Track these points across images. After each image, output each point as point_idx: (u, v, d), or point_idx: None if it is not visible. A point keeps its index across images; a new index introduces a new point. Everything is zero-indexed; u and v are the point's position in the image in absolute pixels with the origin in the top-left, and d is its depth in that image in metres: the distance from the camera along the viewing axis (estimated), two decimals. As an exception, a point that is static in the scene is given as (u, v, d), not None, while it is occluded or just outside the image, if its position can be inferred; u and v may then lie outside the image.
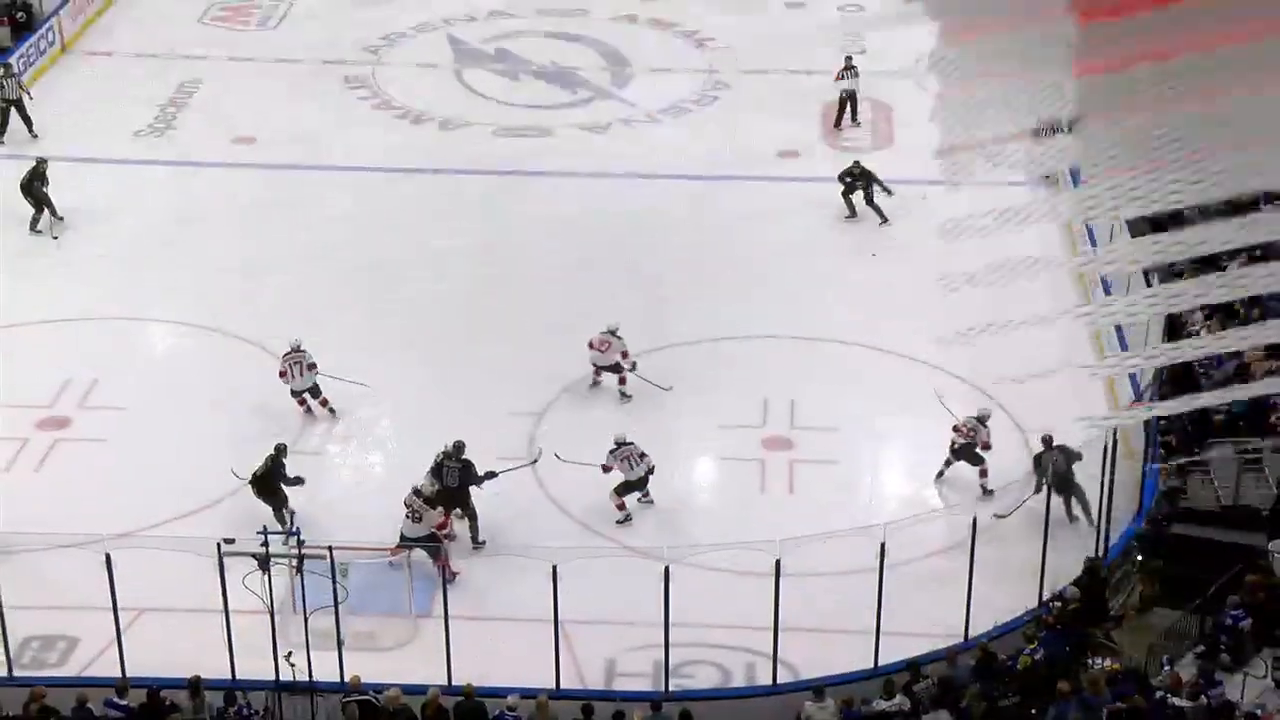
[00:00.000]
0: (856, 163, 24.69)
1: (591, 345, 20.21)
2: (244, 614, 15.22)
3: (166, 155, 26.65)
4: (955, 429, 18.55)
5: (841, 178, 24.51)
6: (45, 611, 16.29)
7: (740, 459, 19.37)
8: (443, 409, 19.86)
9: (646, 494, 18.40)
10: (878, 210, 24.45)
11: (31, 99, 27.13)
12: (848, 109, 27.49)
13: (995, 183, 11.00)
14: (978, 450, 18.52)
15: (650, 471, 18.22)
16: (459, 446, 17.85)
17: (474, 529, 17.72)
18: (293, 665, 15.00)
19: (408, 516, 17.04)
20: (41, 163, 24.21)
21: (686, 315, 22.13)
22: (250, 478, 17.69)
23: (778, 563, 15.13)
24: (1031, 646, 15.49)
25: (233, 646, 15.19)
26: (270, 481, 17.67)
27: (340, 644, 15.31)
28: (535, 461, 18.46)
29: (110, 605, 15.01)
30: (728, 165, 25.95)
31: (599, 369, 20.32)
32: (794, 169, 26.14)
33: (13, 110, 26.78)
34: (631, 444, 18.22)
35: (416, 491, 17.20)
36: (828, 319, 22.09)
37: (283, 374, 19.71)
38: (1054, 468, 17.47)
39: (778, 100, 28.48)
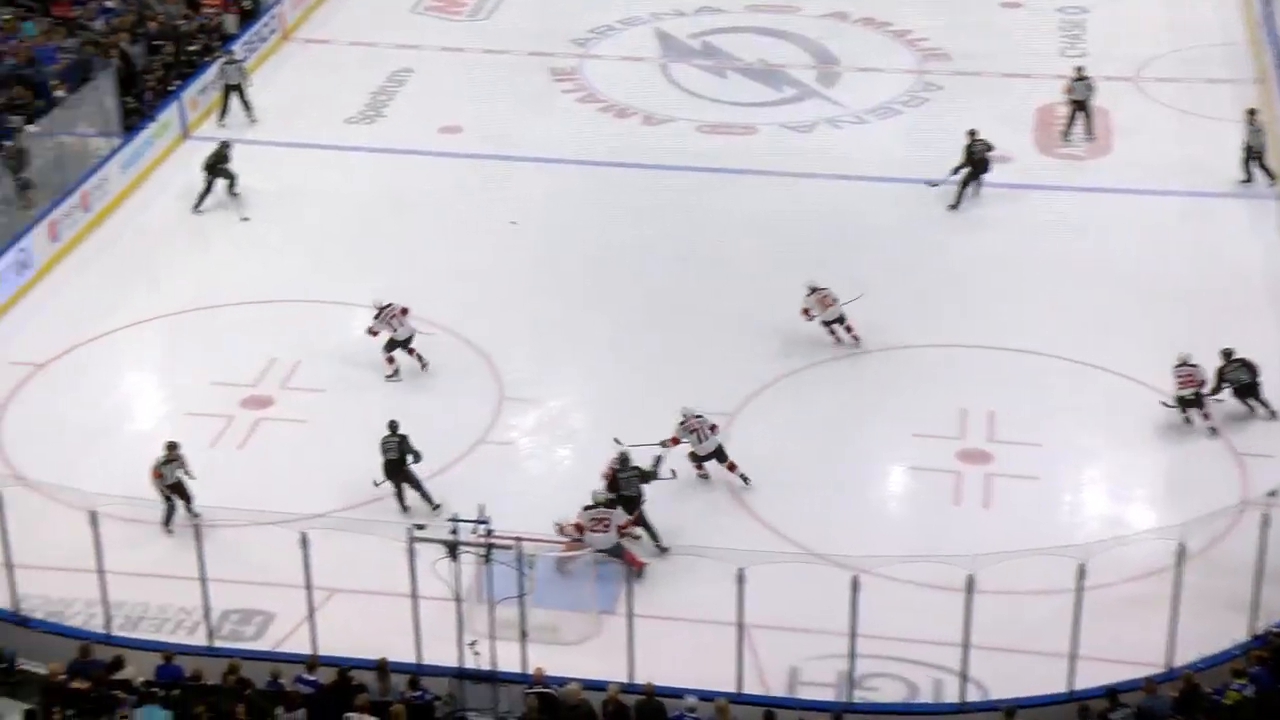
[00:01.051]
0: (974, 134, 24.81)
1: (827, 301, 20.94)
2: (431, 600, 15.55)
3: (375, 142, 27.41)
4: (1181, 378, 19.23)
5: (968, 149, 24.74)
6: (244, 586, 16.88)
7: (935, 470, 19.11)
8: (636, 405, 20.00)
9: (744, 476, 18.27)
10: (960, 190, 24.67)
11: (251, 85, 28.20)
12: (1078, 120, 26.80)
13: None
14: (1201, 393, 19.08)
15: (720, 449, 18.27)
16: (624, 457, 17.81)
17: (653, 535, 17.71)
18: (476, 654, 15.27)
19: (593, 530, 17.11)
20: (225, 146, 25.19)
21: (886, 320, 21.88)
22: (384, 463, 18.02)
23: (970, 578, 14.87)
24: (1241, 682, 14.91)
25: (419, 631, 15.54)
26: (400, 464, 18.00)
27: (524, 635, 15.52)
28: (661, 453, 18.21)
29: (304, 584, 15.48)
30: (935, 169, 25.62)
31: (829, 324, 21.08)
32: (1004, 175, 25.67)
33: (233, 96, 27.88)
34: (701, 416, 18.34)
35: (595, 504, 17.27)
36: (1031, 331, 21.65)
37: (373, 331, 20.53)
38: (1239, 377, 19.32)
39: (991, 104, 27.99)
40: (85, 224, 24.50)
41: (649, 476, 17.81)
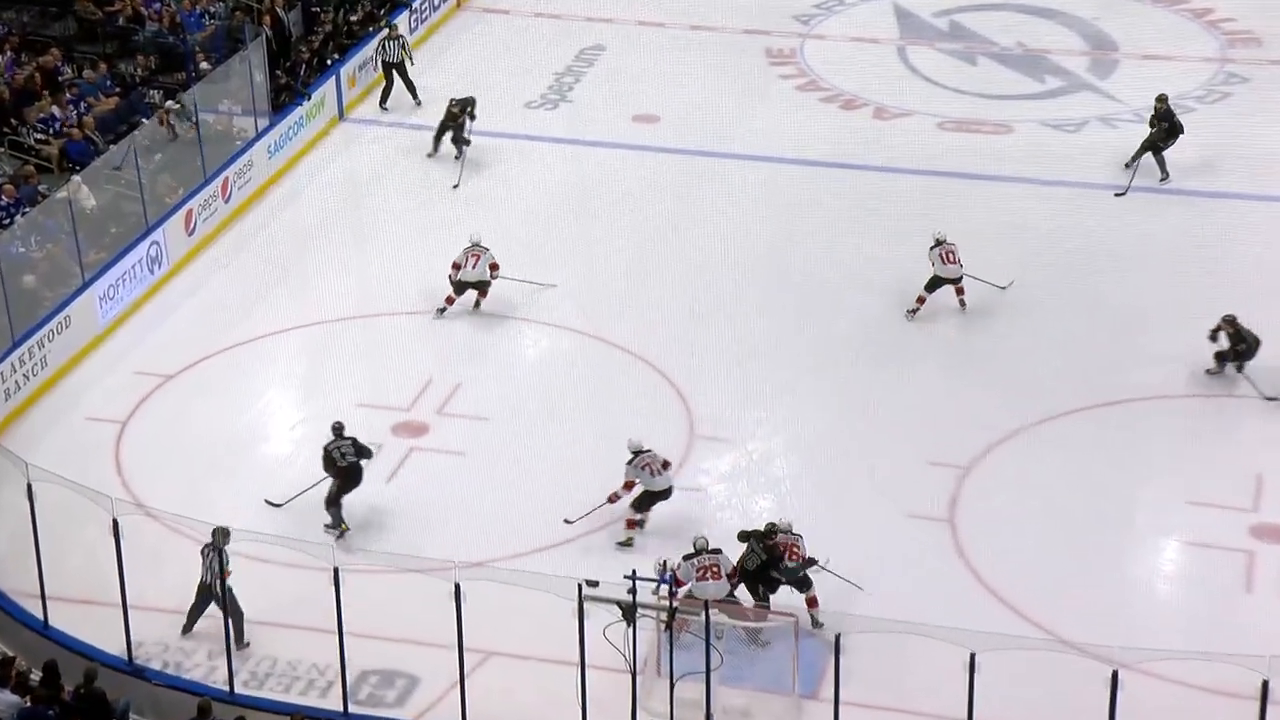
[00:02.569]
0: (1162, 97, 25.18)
1: (950, 259, 22.12)
2: (602, 670, 15.63)
3: (558, 131, 27.82)
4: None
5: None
6: (387, 643, 17.17)
7: (1220, 547, 18.61)
8: (846, 449, 19.99)
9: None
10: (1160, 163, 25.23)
11: (413, 64, 28.81)
12: None
13: None
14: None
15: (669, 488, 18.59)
16: (768, 531, 17.58)
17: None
18: (652, 737, 15.33)
19: (701, 579, 16.97)
20: (465, 105, 26.47)
21: (1162, 358, 21.47)
22: (345, 470, 18.67)
23: (1265, 684, 14.40)
24: None
25: (586, 706, 15.63)
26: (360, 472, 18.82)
27: (709, 718, 15.52)
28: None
29: (456, 643, 15.68)
30: (1233, 178, 24.98)
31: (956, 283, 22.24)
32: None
33: (396, 75, 28.56)
34: (650, 451, 18.56)
35: (697, 551, 17.17)
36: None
37: (456, 265, 22.53)
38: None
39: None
40: (225, 216, 25.32)
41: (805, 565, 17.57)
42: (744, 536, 17.57)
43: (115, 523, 16.13)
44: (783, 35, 30.69)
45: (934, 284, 22.41)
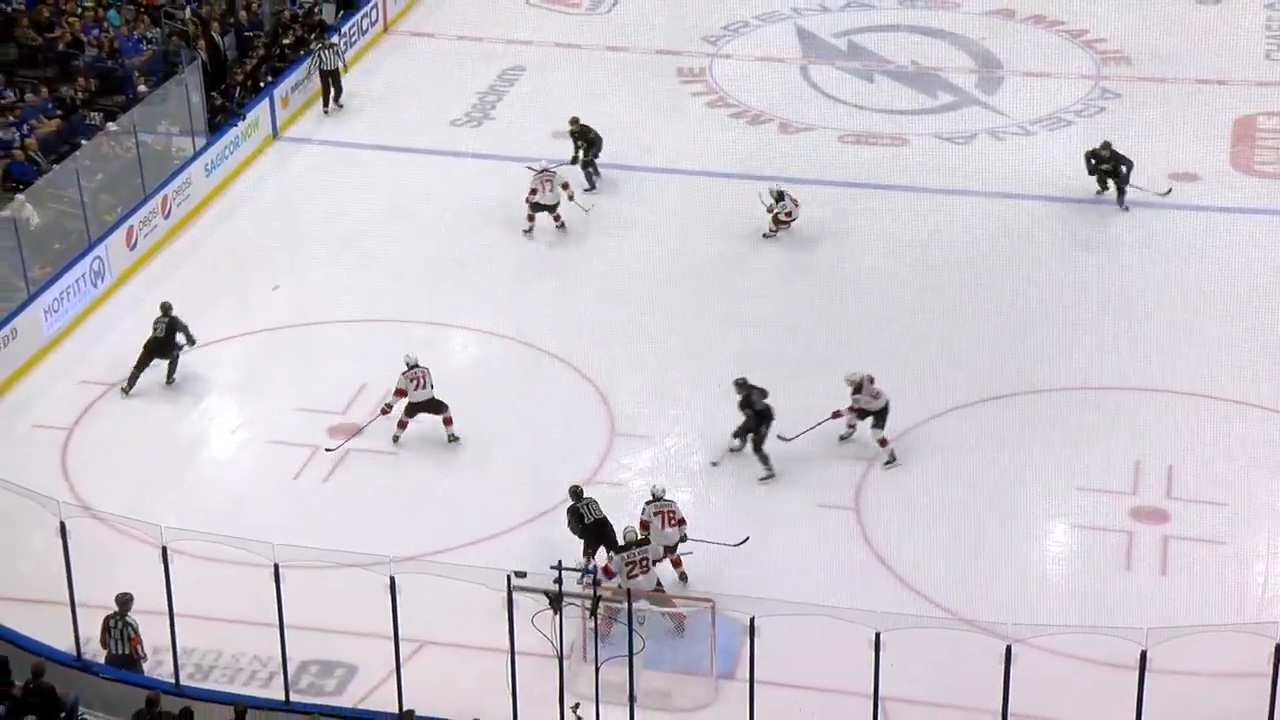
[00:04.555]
0: (1107, 144, 24.94)
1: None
2: (531, 656, 15.62)
3: (482, 147, 27.74)
4: None
5: (1089, 157, 25.12)
6: (325, 635, 17.09)
7: (1104, 529, 18.82)
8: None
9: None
10: (1120, 194, 24.94)
11: (346, 72, 28.89)
12: None
13: None
14: None
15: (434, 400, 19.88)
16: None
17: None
18: (579, 718, 15.30)
19: (631, 575, 17.08)
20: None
21: (1049, 357, 21.70)
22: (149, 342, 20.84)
23: (1143, 654, 14.56)
24: None
25: (516, 691, 15.59)
26: (169, 343, 20.74)
27: (633, 700, 15.52)
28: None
29: (392, 634, 15.62)
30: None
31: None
32: (1191, 195, 25.26)
33: (330, 81, 28.62)
34: (419, 366, 19.75)
35: (627, 545, 17.30)
36: (1217, 373, 21.26)
37: (535, 190, 24.25)
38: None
39: (1178, 114, 27.59)
40: (165, 231, 25.09)
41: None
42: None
43: (63, 525, 15.92)
44: (693, 55, 30.77)
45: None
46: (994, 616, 16.36)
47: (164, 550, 15.69)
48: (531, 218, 24.68)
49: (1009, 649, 14.55)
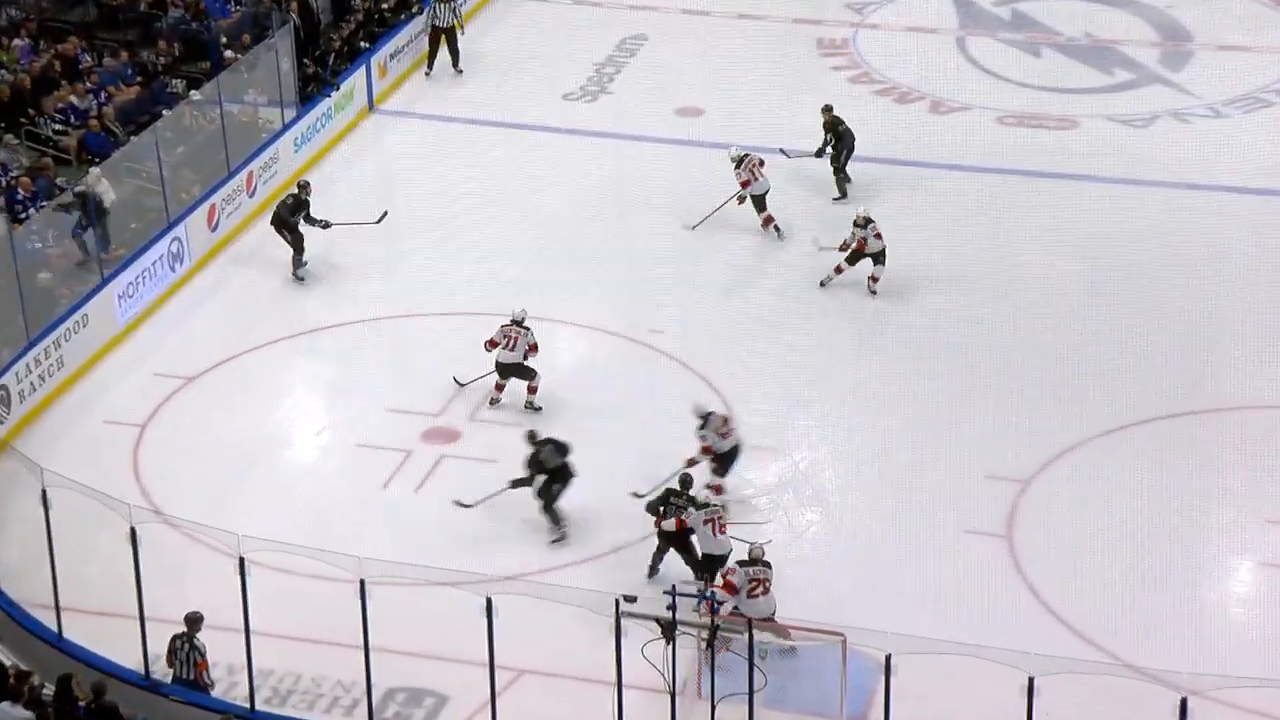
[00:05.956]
0: None
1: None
2: (639, 689, 15.65)
3: (596, 125, 27.88)
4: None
5: None
6: (414, 659, 17.24)
7: (1297, 568, 18.57)
8: (898, 462, 20.06)
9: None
10: None
11: (464, 33, 29.22)
12: None
13: None
14: None
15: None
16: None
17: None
18: (691, 760, 15.35)
19: (752, 594, 17.06)
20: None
21: (1238, 370, 21.43)
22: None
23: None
24: None
25: (622, 728, 15.68)
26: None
27: (752, 743, 15.55)
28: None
29: (487, 661, 15.71)
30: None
31: None
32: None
33: (443, 40, 28.92)
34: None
35: (753, 561, 17.25)
36: None
37: (747, 183, 24.31)
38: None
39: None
40: (250, 211, 25.43)
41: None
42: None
43: (133, 531, 16.22)
44: (835, 25, 30.71)
45: (857, 258, 22.93)
46: (1166, 664, 16.19)
47: (241, 561, 15.93)
48: (768, 218, 24.57)
49: (1184, 702, 14.37)
